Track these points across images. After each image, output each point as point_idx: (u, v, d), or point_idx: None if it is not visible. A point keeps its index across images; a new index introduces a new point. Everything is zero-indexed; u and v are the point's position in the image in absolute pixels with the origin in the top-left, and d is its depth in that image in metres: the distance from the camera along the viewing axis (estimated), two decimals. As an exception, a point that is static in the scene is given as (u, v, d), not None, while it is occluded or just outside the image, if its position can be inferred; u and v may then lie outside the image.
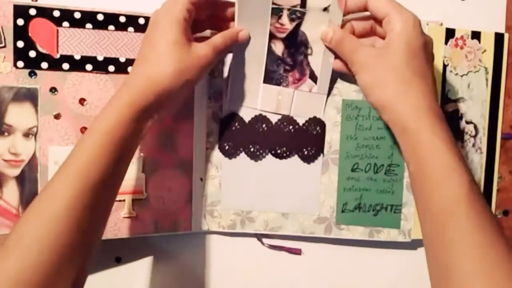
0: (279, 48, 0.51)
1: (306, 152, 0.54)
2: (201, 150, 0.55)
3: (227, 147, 0.54)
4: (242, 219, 0.55)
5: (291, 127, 0.54)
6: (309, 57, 0.52)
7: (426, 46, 0.44)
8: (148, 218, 0.53)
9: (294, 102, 0.53)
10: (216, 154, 0.55)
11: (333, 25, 0.49)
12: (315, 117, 0.54)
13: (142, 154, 0.52)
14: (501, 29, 0.54)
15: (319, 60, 0.51)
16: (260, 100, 0.53)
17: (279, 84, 0.52)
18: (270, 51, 0.52)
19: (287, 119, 0.54)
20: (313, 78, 0.52)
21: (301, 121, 0.54)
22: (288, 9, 0.49)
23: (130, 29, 0.51)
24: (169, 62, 0.43)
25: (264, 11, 0.49)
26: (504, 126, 0.55)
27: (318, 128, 0.54)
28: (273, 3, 0.49)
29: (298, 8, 0.49)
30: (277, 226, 0.55)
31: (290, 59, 0.52)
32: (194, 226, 0.55)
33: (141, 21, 0.51)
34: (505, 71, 0.54)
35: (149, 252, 0.57)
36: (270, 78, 0.52)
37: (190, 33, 0.46)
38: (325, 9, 0.49)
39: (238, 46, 0.51)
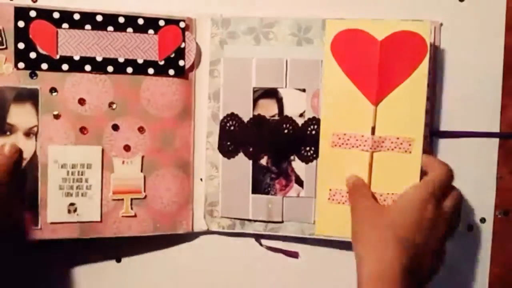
0: (265, 158, 0.55)
1: (304, 153, 0.55)
2: (201, 150, 0.57)
3: (226, 147, 0.56)
4: (241, 220, 0.57)
5: (290, 127, 0.55)
6: (293, 163, 0.55)
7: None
8: (147, 217, 0.55)
9: (285, 209, 0.56)
10: (216, 155, 0.57)
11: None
12: (314, 117, 0.55)
13: (141, 153, 0.55)
14: (501, 29, 0.55)
15: (303, 165, 0.55)
16: (251, 210, 0.56)
17: (267, 193, 0.56)
18: (255, 162, 0.55)
19: (286, 119, 0.55)
20: (299, 182, 0.55)
21: (300, 121, 0.55)
22: (268, 119, 0.55)
23: (129, 29, 0.53)
24: None
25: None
26: (504, 126, 0.55)
27: (316, 128, 0.54)
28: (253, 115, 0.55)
29: (276, 117, 0.55)
30: (277, 227, 0.56)
31: (275, 167, 0.55)
32: (194, 226, 0.57)
33: (140, 21, 0.53)
34: (502, 71, 0.55)
35: (149, 252, 0.59)
36: (258, 188, 0.56)
37: None
38: (301, 115, 0.54)
39: (226, 161, 0.56)
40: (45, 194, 0.52)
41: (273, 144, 0.55)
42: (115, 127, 0.54)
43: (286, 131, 0.55)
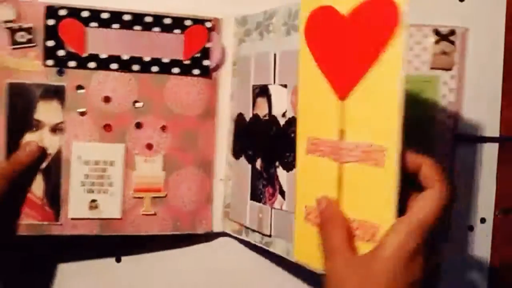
0: (258, 162, 0.52)
1: (285, 159, 0.47)
2: (222, 150, 0.58)
3: (234, 149, 0.56)
4: (246, 227, 0.54)
5: (274, 128, 0.49)
6: (278, 170, 0.48)
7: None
8: (167, 216, 0.56)
9: (273, 221, 0.49)
10: (232, 155, 0.57)
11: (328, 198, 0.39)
12: (293, 117, 0.47)
13: (163, 152, 0.55)
14: (501, 29, 0.55)
15: (285, 172, 0.47)
16: (248, 217, 0.53)
17: (260, 201, 0.51)
18: (254, 166, 0.52)
19: (272, 119, 0.50)
20: (282, 193, 0.48)
21: (282, 121, 0.48)
22: (261, 118, 0.52)
23: (156, 29, 0.54)
24: None
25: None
26: (504, 127, 0.56)
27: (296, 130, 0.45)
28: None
29: (267, 117, 0.51)
30: (269, 241, 0.51)
31: (265, 173, 0.50)
32: (213, 227, 0.58)
33: (167, 21, 0.54)
34: (502, 71, 0.55)
35: (149, 252, 0.59)
36: (254, 194, 0.52)
37: None
38: (283, 115, 0.48)
39: (235, 162, 0.54)
40: (67, 189, 0.53)
41: (262, 146, 0.51)
42: (139, 125, 0.55)
43: (272, 132, 0.49)
